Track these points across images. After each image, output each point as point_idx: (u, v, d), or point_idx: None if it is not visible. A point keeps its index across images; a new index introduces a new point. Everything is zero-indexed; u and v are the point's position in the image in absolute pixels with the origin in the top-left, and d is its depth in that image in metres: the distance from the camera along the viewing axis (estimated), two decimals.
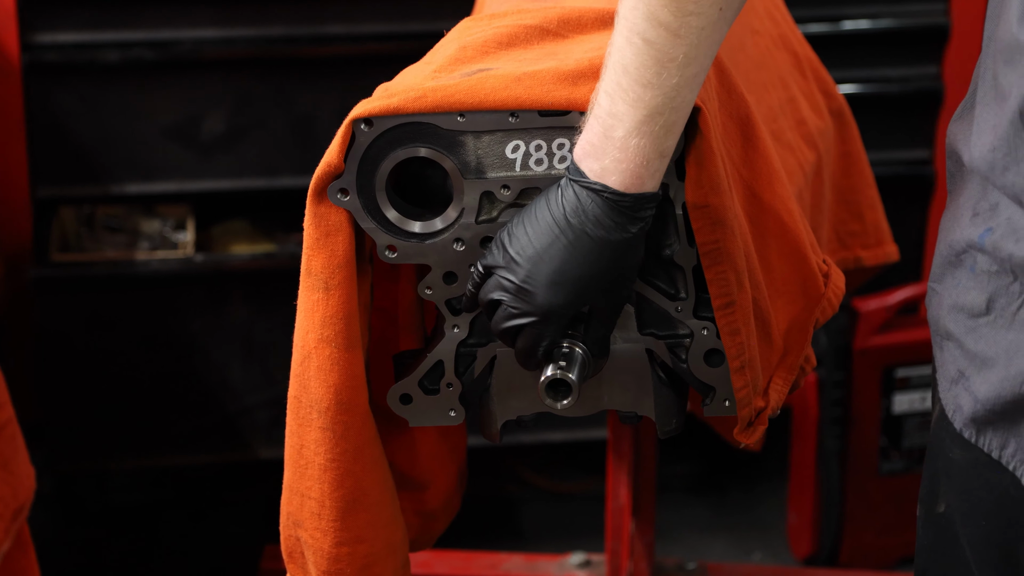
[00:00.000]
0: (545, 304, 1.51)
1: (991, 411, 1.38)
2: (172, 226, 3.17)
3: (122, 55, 3.02)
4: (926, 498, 1.52)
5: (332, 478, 1.62)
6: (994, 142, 1.36)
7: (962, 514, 1.44)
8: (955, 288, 1.42)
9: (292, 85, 3.09)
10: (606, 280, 1.52)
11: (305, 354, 1.60)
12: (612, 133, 1.44)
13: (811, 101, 2.16)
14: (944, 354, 1.45)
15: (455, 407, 1.66)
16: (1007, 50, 1.35)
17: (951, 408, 1.43)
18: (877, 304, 3.08)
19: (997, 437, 1.39)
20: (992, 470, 1.40)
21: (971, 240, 1.39)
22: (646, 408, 1.65)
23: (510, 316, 1.53)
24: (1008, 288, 1.36)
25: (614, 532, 2.60)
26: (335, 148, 1.54)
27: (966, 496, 1.43)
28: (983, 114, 1.39)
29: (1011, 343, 1.36)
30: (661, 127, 1.43)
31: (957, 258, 1.42)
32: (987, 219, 1.38)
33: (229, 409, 3.17)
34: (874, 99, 3.22)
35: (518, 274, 1.51)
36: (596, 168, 1.46)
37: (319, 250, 1.57)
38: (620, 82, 1.42)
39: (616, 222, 1.47)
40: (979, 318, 1.39)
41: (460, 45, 1.62)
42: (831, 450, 3.14)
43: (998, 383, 1.37)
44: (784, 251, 1.70)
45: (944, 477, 1.47)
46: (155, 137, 3.09)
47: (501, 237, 1.53)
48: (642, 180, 1.46)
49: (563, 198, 1.49)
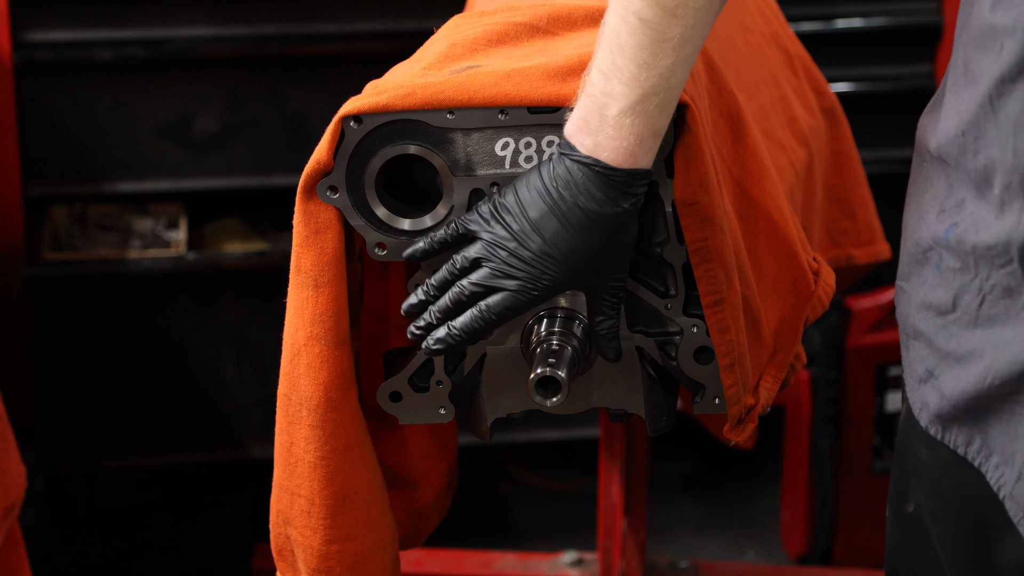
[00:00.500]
0: (536, 274, 1.50)
1: (956, 407, 1.38)
2: (164, 225, 3.17)
3: (114, 53, 3.02)
4: (895, 498, 1.52)
5: (322, 476, 1.62)
6: (961, 126, 1.37)
7: (931, 513, 1.45)
8: (922, 286, 1.42)
9: (285, 83, 3.09)
10: (599, 257, 1.50)
11: (295, 351, 1.60)
12: (606, 111, 1.44)
13: (803, 99, 2.16)
14: (911, 353, 1.45)
15: (445, 405, 1.66)
16: (979, 35, 1.36)
17: (917, 406, 1.43)
18: (870, 303, 3.09)
19: (963, 434, 1.39)
20: (959, 468, 1.40)
21: (937, 236, 1.40)
22: (636, 406, 1.65)
23: (492, 277, 1.51)
24: (970, 284, 1.37)
25: (606, 530, 2.61)
26: (324, 145, 1.53)
27: (934, 496, 1.44)
28: (952, 101, 1.39)
29: (978, 340, 1.37)
30: (656, 107, 1.43)
31: (924, 255, 1.42)
32: (952, 215, 1.38)
33: (221, 408, 3.17)
34: (866, 98, 3.22)
35: (510, 242, 1.50)
36: (589, 144, 1.45)
37: (309, 247, 1.57)
38: (615, 61, 1.42)
39: (608, 196, 1.46)
40: (946, 315, 1.40)
41: (450, 42, 1.62)
42: (824, 449, 3.14)
43: (964, 380, 1.37)
44: (774, 249, 1.70)
45: (913, 477, 1.47)
46: (147, 135, 3.09)
47: (487, 207, 1.51)
48: (635, 157, 1.45)
49: (555, 172, 1.48)
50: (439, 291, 1.55)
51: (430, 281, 1.55)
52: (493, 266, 1.51)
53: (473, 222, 1.52)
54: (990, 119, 1.34)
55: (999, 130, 1.33)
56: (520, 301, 1.52)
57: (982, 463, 1.38)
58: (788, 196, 1.90)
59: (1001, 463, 1.36)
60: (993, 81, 1.33)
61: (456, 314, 1.54)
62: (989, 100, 1.34)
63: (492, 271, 1.51)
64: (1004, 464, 1.36)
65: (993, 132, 1.34)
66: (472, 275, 1.52)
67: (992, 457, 1.37)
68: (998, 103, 1.33)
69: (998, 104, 1.33)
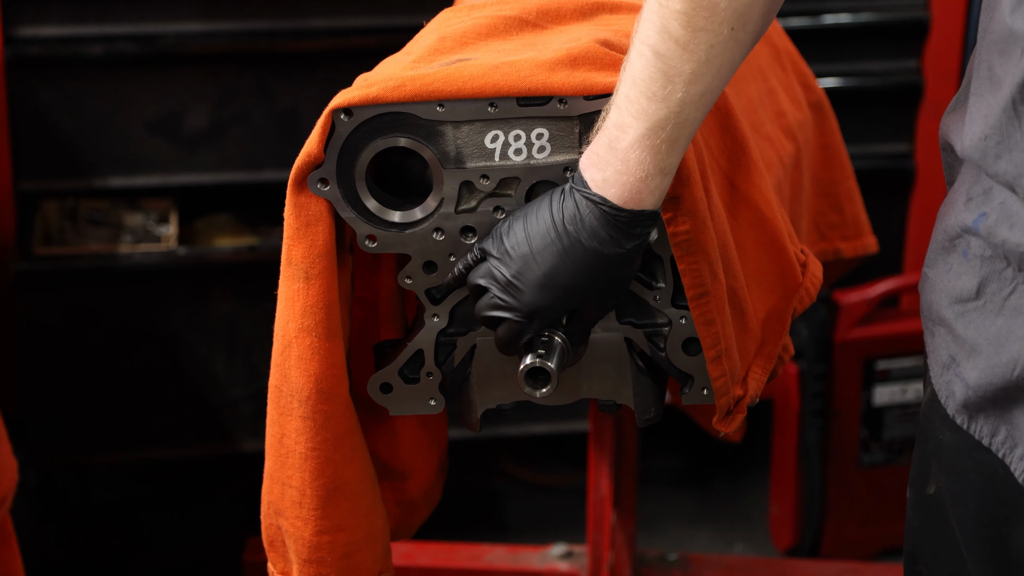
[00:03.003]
0: (531, 303, 1.52)
1: (984, 398, 1.38)
2: (155, 219, 3.17)
3: (105, 49, 3.02)
4: (916, 480, 1.52)
5: (313, 467, 1.63)
6: (985, 130, 1.37)
7: (952, 495, 1.45)
8: (947, 273, 1.43)
9: (275, 79, 3.09)
10: (595, 288, 1.52)
11: (286, 343, 1.60)
12: (616, 145, 1.44)
13: (790, 93, 2.17)
14: (935, 339, 1.45)
15: (435, 396, 1.66)
16: (1000, 40, 1.36)
17: (944, 394, 1.44)
18: (858, 297, 3.09)
19: (988, 424, 1.39)
20: (982, 451, 1.40)
21: (965, 225, 1.40)
22: (625, 396, 1.66)
23: (495, 306, 1.54)
24: (1001, 273, 1.37)
25: (595, 523, 2.61)
26: (315, 138, 1.54)
27: (956, 477, 1.44)
28: (976, 104, 1.39)
29: (1000, 329, 1.37)
30: (663, 142, 1.43)
31: (951, 243, 1.42)
32: (981, 204, 1.39)
33: (213, 402, 3.17)
34: (854, 92, 3.23)
35: (510, 268, 1.52)
36: (598, 179, 1.46)
37: (299, 240, 1.58)
38: (628, 94, 1.42)
39: (611, 236, 1.47)
40: (968, 303, 1.40)
41: (439, 36, 1.63)
42: (812, 442, 3.15)
43: (988, 370, 1.37)
44: (762, 241, 1.70)
45: (934, 459, 1.48)
46: (138, 131, 3.09)
47: (501, 228, 1.54)
48: (641, 196, 1.45)
49: (563, 204, 1.49)
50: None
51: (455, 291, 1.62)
52: (494, 292, 1.54)
53: (487, 241, 1.55)
54: (1013, 123, 1.34)
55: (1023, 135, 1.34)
56: (519, 331, 1.55)
57: (1006, 454, 1.38)
58: (776, 189, 1.90)
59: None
60: (1016, 86, 1.34)
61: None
62: (1012, 105, 1.34)
63: (492, 301, 1.55)
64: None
65: (1017, 137, 1.34)
66: (479, 302, 1.56)
67: (1017, 448, 1.37)
68: (1021, 108, 1.34)
69: (1021, 109, 1.34)
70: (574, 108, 1.52)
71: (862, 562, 3.18)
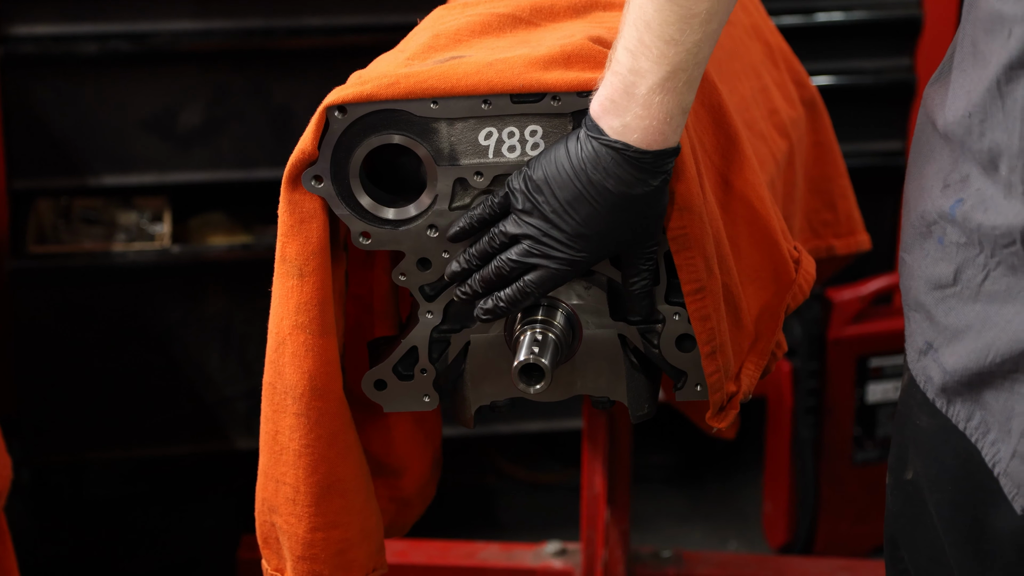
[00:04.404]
0: (570, 253, 1.52)
1: (959, 382, 1.39)
2: (149, 218, 3.17)
3: (99, 47, 3.02)
4: (895, 465, 1.53)
5: (307, 464, 1.63)
6: (969, 107, 1.38)
7: (929, 480, 1.45)
8: (924, 259, 1.43)
9: (269, 77, 3.09)
10: (631, 233, 1.52)
11: (280, 340, 1.60)
12: (634, 90, 1.43)
13: (783, 91, 2.17)
14: (912, 325, 1.46)
15: (429, 393, 1.66)
16: (987, 19, 1.37)
17: (922, 379, 1.44)
18: (851, 294, 3.10)
19: (964, 409, 1.40)
20: (958, 436, 1.41)
21: (942, 211, 1.41)
22: (619, 393, 1.66)
23: (528, 255, 1.53)
24: (975, 259, 1.38)
25: (589, 521, 2.61)
26: (309, 135, 1.54)
27: (933, 462, 1.45)
28: (959, 79, 1.40)
29: (977, 315, 1.38)
30: (684, 83, 1.43)
31: (927, 229, 1.43)
32: (958, 190, 1.39)
33: (207, 400, 3.17)
34: (847, 90, 3.23)
35: (543, 223, 1.51)
36: (617, 125, 1.45)
37: (293, 237, 1.57)
38: (642, 38, 1.41)
39: (638, 178, 1.47)
40: (946, 289, 1.41)
41: (433, 33, 1.63)
42: (805, 440, 3.15)
43: (965, 355, 1.38)
44: (755, 237, 1.70)
45: (912, 444, 1.48)
46: (132, 129, 3.09)
47: (520, 183, 1.52)
48: (664, 136, 1.45)
49: (582, 152, 1.48)
50: (481, 261, 1.57)
51: (472, 251, 1.57)
52: (529, 244, 1.53)
53: (508, 197, 1.54)
54: (997, 103, 1.35)
55: (1006, 115, 1.34)
56: (558, 276, 1.55)
57: (979, 439, 1.39)
58: (769, 186, 1.90)
59: (997, 440, 1.37)
60: (1001, 66, 1.34)
61: (500, 286, 1.57)
62: (997, 85, 1.35)
63: (529, 249, 1.53)
64: (1000, 441, 1.37)
65: (1000, 117, 1.35)
66: (511, 251, 1.54)
67: (989, 433, 1.38)
68: (1006, 88, 1.34)
69: (1006, 89, 1.34)
70: (568, 105, 1.52)
71: (855, 559, 3.18)
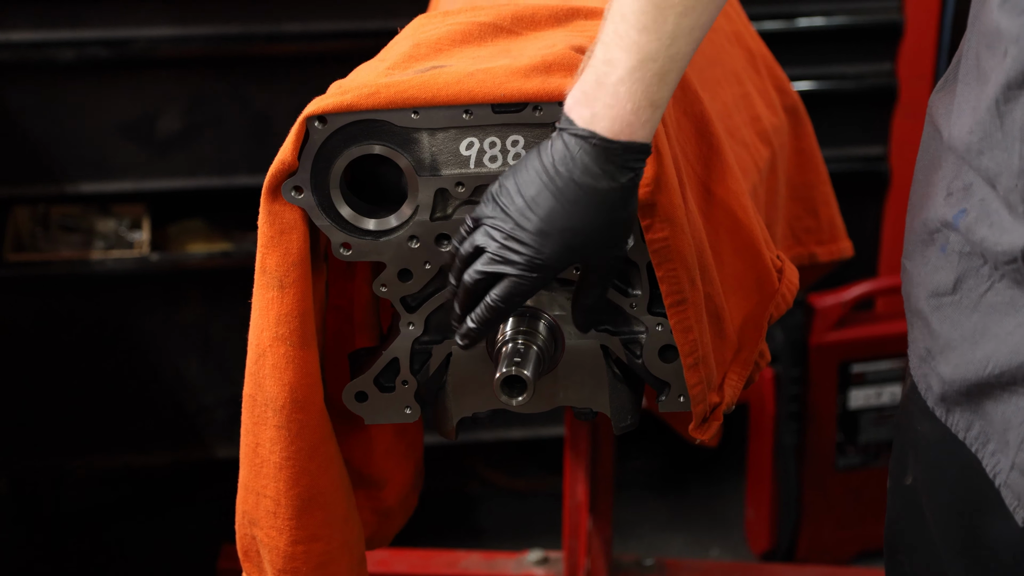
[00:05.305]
0: (532, 254, 1.47)
1: (959, 392, 1.39)
2: (127, 225, 3.16)
3: (77, 54, 3.00)
4: (895, 470, 1.53)
5: (287, 476, 1.62)
6: (972, 125, 1.38)
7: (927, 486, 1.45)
8: (924, 266, 1.43)
9: (248, 83, 3.08)
10: (596, 233, 1.47)
11: (260, 352, 1.60)
12: (605, 80, 1.41)
13: (765, 97, 2.17)
14: (914, 331, 1.46)
15: (411, 404, 1.66)
16: (988, 34, 1.37)
17: (923, 386, 1.44)
18: (833, 300, 3.10)
19: (963, 419, 1.40)
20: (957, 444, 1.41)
21: (945, 219, 1.40)
22: (601, 404, 1.66)
23: (491, 262, 1.49)
24: (978, 270, 1.38)
25: (571, 529, 2.61)
26: (289, 146, 1.53)
27: (931, 469, 1.45)
28: (964, 92, 1.40)
29: (975, 326, 1.37)
30: (654, 74, 1.40)
31: (930, 236, 1.43)
32: (961, 199, 1.39)
33: (186, 408, 3.16)
34: (829, 96, 3.23)
35: (506, 223, 1.47)
36: (586, 115, 1.43)
37: (273, 248, 1.57)
38: (617, 29, 1.40)
39: (604, 170, 1.43)
40: (944, 297, 1.40)
41: (414, 43, 1.62)
42: (788, 446, 3.15)
43: (962, 366, 1.38)
44: (738, 247, 1.70)
45: (912, 450, 1.48)
46: (110, 136, 3.07)
47: (492, 190, 1.49)
48: (632, 128, 1.42)
49: (552, 148, 1.45)
50: (456, 282, 1.54)
51: (450, 275, 1.54)
52: (492, 250, 1.49)
53: (478, 208, 1.51)
54: (996, 123, 1.35)
55: (1005, 135, 1.34)
56: (523, 285, 1.49)
57: (979, 449, 1.39)
58: (751, 194, 1.90)
59: (997, 450, 1.37)
60: (1000, 85, 1.34)
61: (472, 305, 1.53)
62: (996, 104, 1.35)
63: (492, 256, 1.49)
64: (999, 452, 1.37)
65: (999, 136, 1.35)
66: (476, 263, 1.50)
67: (989, 444, 1.38)
68: (1004, 108, 1.34)
69: (1004, 109, 1.34)
70: (550, 115, 1.52)
71: (838, 566, 3.18)
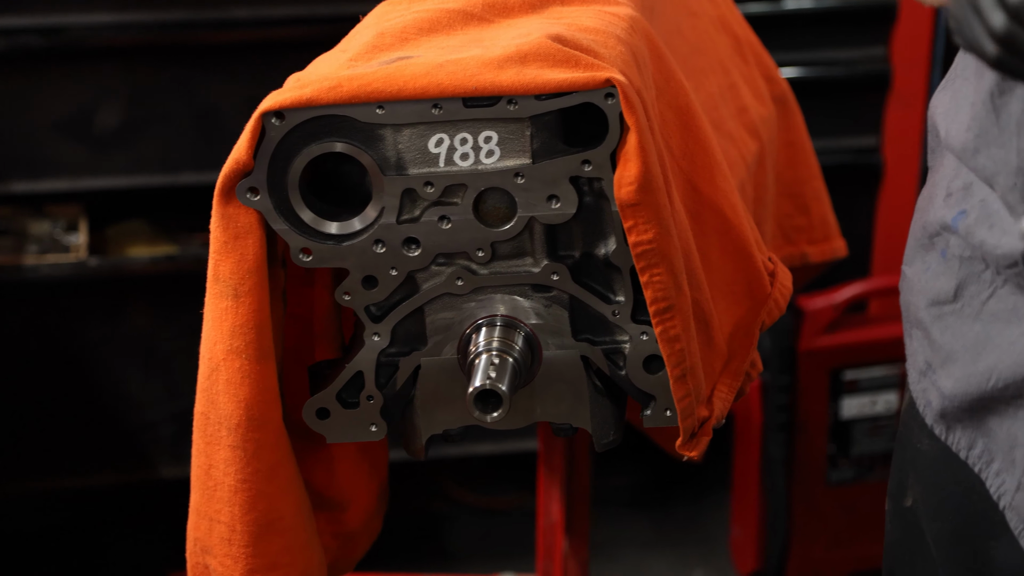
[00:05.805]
0: None
1: (959, 408, 1.39)
2: (63, 227, 3.14)
3: (7, 43, 2.99)
4: (894, 491, 1.53)
5: (243, 500, 1.61)
6: (968, 121, 1.38)
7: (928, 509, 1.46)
8: (925, 272, 1.44)
9: (194, 74, 3.07)
10: None
11: (213, 367, 1.58)
12: None
13: (753, 87, 2.17)
14: (913, 343, 1.46)
15: (376, 421, 1.65)
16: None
17: (922, 402, 1.45)
18: (823, 302, 3.10)
19: (966, 436, 1.40)
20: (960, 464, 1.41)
21: (944, 222, 1.41)
22: (582, 419, 1.65)
23: None
24: (980, 276, 1.38)
25: (546, 550, 2.61)
26: (243, 144, 1.52)
27: (933, 490, 1.45)
28: (963, 89, 1.41)
29: (977, 336, 1.38)
30: None
31: (930, 240, 1.43)
32: (960, 200, 1.39)
33: (129, 424, 3.15)
34: (819, 83, 3.24)
35: None
36: None
37: (227, 254, 1.55)
38: None
39: None
40: (945, 305, 1.41)
41: (378, 31, 1.61)
42: (776, 459, 3.16)
43: (964, 379, 1.38)
44: (727, 249, 1.69)
45: (911, 469, 1.48)
46: (44, 131, 3.06)
47: None
48: None
49: None
50: None
51: None
52: None
53: None
54: (991, 117, 1.35)
55: (1001, 130, 1.35)
56: None
57: (982, 469, 1.39)
58: (739, 191, 1.90)
59: (1002, 470, 1.37)
60: (995, 78, 1.35)
61: None
62: (991, 97, 1.35)
63: None
64: (1005, 471, 1.37)
65: (995, 132, 1.35)
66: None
67: (993, 463, 1.38)
68: (999, 101, 1.35)
69: (999, 102, 1.35)
70: (525, 109, 1.50)
71: None
